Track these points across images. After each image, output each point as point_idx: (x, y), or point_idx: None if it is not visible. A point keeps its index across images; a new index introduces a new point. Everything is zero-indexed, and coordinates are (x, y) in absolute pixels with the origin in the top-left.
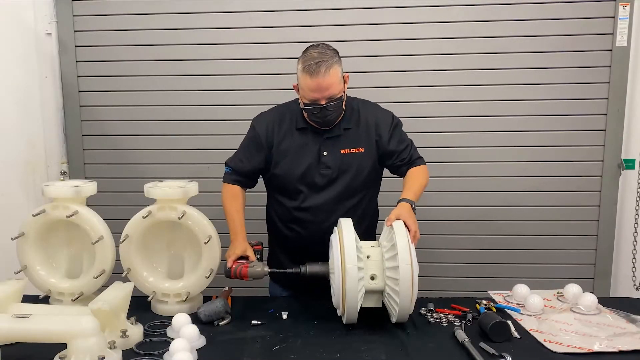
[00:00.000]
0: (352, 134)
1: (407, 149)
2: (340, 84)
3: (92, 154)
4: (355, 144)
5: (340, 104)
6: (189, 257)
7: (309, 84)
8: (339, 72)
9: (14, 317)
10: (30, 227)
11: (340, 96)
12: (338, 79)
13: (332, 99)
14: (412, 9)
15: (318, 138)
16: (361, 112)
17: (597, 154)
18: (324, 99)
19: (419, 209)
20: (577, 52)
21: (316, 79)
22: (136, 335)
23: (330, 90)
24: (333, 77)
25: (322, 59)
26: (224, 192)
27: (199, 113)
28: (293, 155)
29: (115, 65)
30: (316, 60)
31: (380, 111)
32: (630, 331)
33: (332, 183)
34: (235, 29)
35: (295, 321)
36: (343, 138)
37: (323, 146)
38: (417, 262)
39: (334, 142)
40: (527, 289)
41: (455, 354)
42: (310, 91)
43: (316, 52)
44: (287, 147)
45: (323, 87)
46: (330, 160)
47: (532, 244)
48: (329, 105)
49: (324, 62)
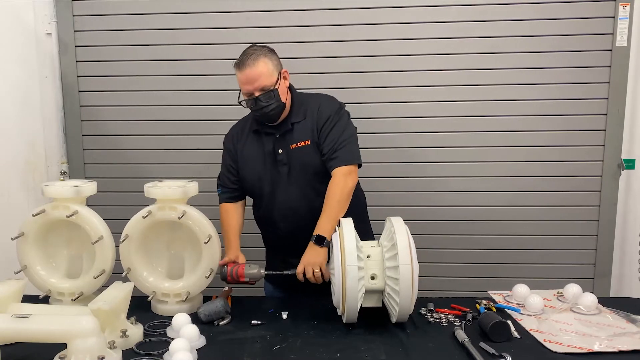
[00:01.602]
0: (300, 127)
1: (329, 142)
2: (272, 76)
3: (92, 154)
4: (302, 136)
5: (275, 96)
6: (189, 257)
7: (239, 77)
8: (268, 64)
9: (14, 317)
10: (30, 227)
11: (273, 88)
12: (267, 71)
13: (265, 89)
14: (411, 9)
15: (271, 137)
16: (309, 103)
17: (597, 154)
18: (257, 91)
19: (419, 208)
20: (577, 52)
21: (244, 71)
22: (136, 335)
23: (259, 81)
24: (261, 68)
25: (250, 52)
26: (220, 213)
27: (199, 113)
28: (254, 159)
29: (115, 65)
30: (243, 54)
31: (326, 101)
32: (630, 331)
33: (291, 180)
34: (235, 29)
35: (295, 321)
36: (292, 133)
37: (277, 144)
38: (417, 262)
39: (286, 138)
40: (527, 289)
41: (455, 354)
42: (242, 84)
43: (247, 49)
44: (248, 153)
45: (252, 78)
46: (284, 157)
47: (532, 244)
48: (261, 96)
49: (251, 55)
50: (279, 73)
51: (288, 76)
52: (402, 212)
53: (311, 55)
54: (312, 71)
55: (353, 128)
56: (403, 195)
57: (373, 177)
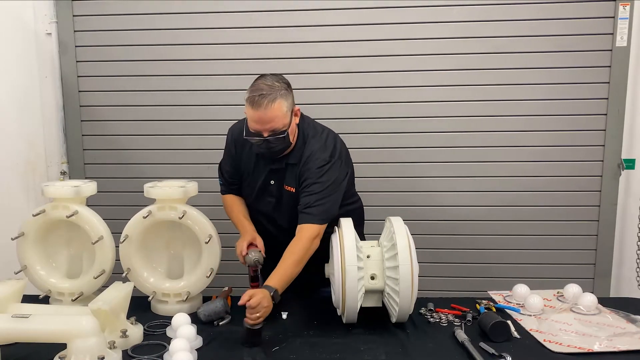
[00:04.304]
0: (292, 171)
1: (306, 196)
2: (285, 118)
3: (92, 154)
4: (291, 182)
5: (285, 139)
6: (189, 257)
7: (251, 115)
8: (283, 106)
9: (14, 317)
10: (30, 227)
11: (284, 130)
12: (282, 113)
13: (275, 132)
14: (412, 9)
15: (267, 165)
16: (305, 149)
17: (597, 154)
18: (267, 132)
19: (419, 208)
20: (577, 52)
21: (257, 112)
22: (136, 335)
23: (272, 123)
24: (276, 111)
25: (267, 92)
26: (223, 204)
27: (199, 113)
28: (251, 175)
29: (115, 65)
30: (260, 92)
31: (318, 151)
32: (630, 331)
33: (276, 213)
34: (235, 29)
35: (295, 321)
36: (286, 173)
37: (271, 174)
38: (417, 262)
39: (279, 175)
40: (527, 289)
41: (455, 354)
42: (253, 122)
43: (263, 84)
44: (246, 166)
45: (265, 120)
46: (274, 190)
47: (532, 244)
48: (271, 138)
49: (268, 96)
50: (291, 112)
51: (299, 113)
52: (402, 212)
53: (312, 55)
54: (313, 71)
55: (338, 182)
56: (403, 195)
57: (373, 177)
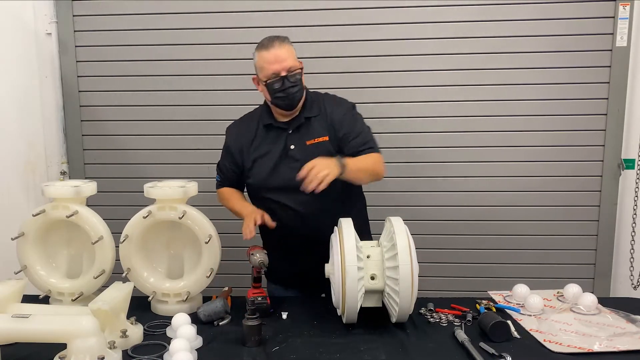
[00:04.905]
0: (314, 123)
1: (359, 137)
2: (296, 61)
3: (92, 154)
4: (319, 132)
5: (300, 80)
6: (189, 257)
7: (266, 57)
8: (292, 50)
9: (14, 317)
10: (30, 227)
11: (299, 70)
12: (293, 55)
13: (292, 70)
14: (412, 9)
15: (283, 133)
16: (320, 100)
17: (597, 154)
18: (284, 70)
19: (419, 208)
20: (577, 52)
21: (272, 50)
22: (136, 335)
23: (288, 61)
24: (288, 51)
25: (275, 36)
26: (219, 197)
27: (199, 113)
28: (263, 158)
29: (115, 65)
30: (268, 39)
31: (337, 98)
32: (630, 331)
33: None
34: (235, 29)
35: (295, 321)
36: (306, 128)
37: (289, 140)
38: (417, 262)
39: (300, 134)
40: (527, 289)
41: (455, 354)
42: (269, 64)
43: (268, 37)
44: (257, 154)
45: (281, 57)
46: (297, 152)
47: (532, 244)
48: (289, 75)
49: (278, 38)
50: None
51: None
52: (402, 212)
53: (313, 55)
54: (314, 71)
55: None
56: (403, 195)
57: None
